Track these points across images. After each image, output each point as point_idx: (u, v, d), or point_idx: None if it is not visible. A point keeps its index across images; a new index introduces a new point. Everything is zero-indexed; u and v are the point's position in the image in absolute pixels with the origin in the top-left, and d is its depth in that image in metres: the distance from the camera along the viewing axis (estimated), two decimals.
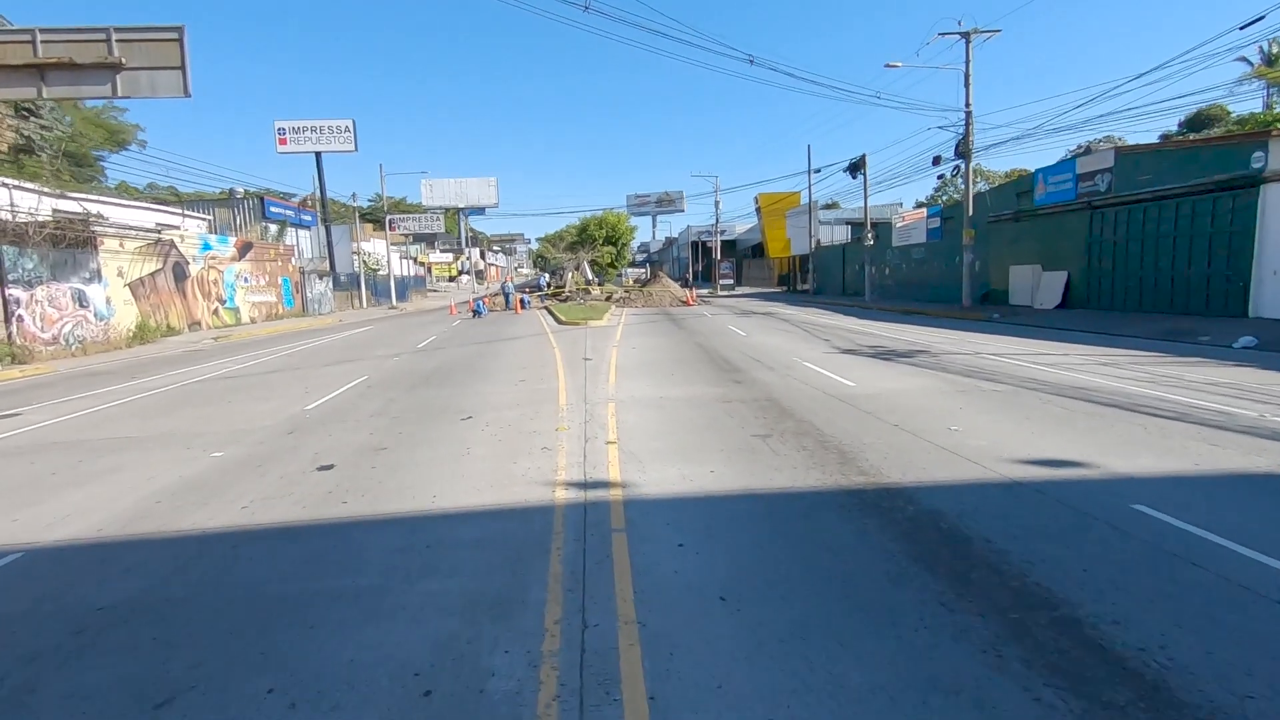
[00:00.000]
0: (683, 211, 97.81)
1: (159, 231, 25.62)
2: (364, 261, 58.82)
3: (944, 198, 53.95)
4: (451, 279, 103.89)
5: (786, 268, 59.97)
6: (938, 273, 30.89)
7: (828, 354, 13.97)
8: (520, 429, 7.76)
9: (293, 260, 37.70)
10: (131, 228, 24.50)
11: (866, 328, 20.09)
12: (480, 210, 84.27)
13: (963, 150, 25.32)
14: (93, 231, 21.83)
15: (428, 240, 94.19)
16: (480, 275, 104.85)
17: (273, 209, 44.15)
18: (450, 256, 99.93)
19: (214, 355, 18.75)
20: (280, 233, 43.71)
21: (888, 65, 24.65)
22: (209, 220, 37.80)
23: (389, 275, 48.07)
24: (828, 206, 55.33)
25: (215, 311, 29.26)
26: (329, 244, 47.71)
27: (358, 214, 49.63)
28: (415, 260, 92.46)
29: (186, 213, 34.17)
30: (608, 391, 10.03)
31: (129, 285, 23.67)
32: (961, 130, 25.21)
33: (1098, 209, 21.17)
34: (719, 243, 61.36)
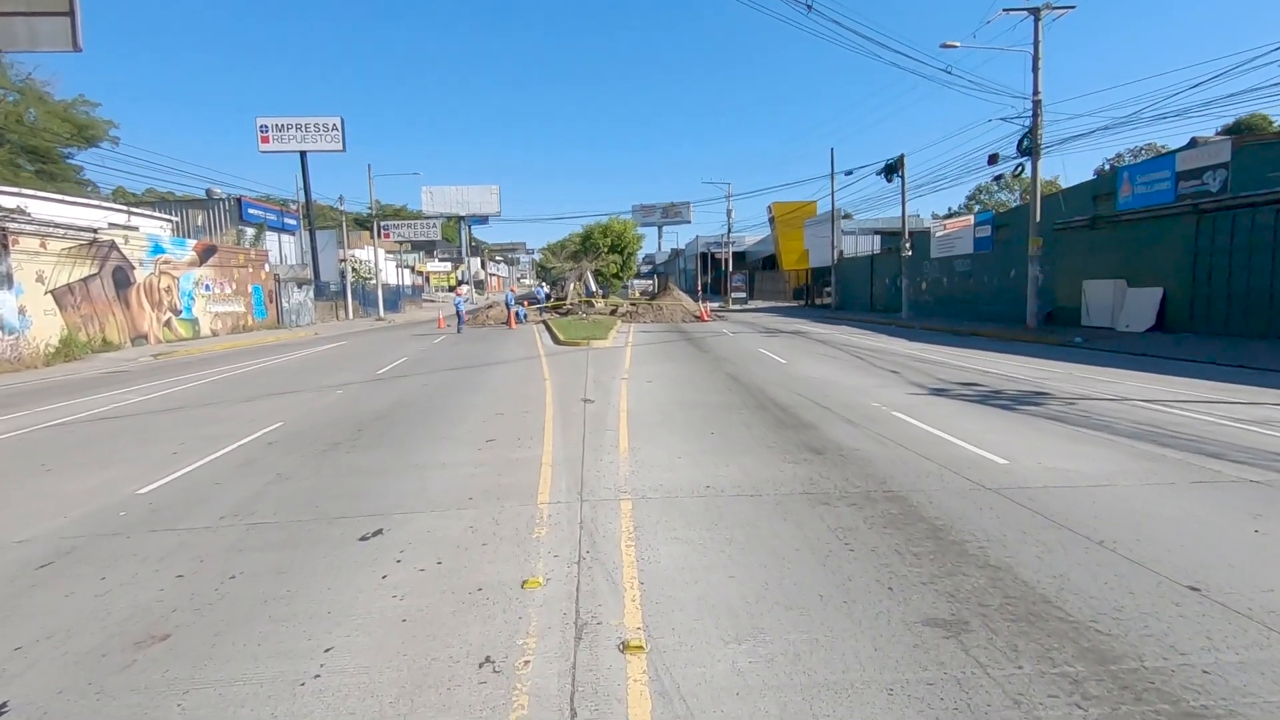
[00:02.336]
0: (689, 223, 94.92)
1: (95, 231, 22.11)
2: (355, 269, 55.49)
3: (978, 206, 50.31)
4: (451, 289, 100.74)
5: (802, 281, 56.43)
6: (988, 288, 27.23)
7: (913, 395, 10.29)
8: (454, 578, 4.07)
9: (266, 266, 34.20)
10: (60, 225, 20.99)
11: (927, 353, 16.41)
12: (483, 220, 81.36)
13: (1029, 145, 21.74)
14: (2, 229, 18.32)
15: (426, 249, 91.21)
16: (480, 285, 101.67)
17: (251, 211, 40.77)
18: (449, 266, 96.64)
19: (134, 379, 15.13)
20: (258, 237, 40.30)
21: (944, 45, 21.12)
22: (174, 222, 34.37)
23: (377, 284, 44.56)
24: (844, 218, 51.82)
25: (167, 323, 25.70)
26: (313, 250, 44.31)
27: (345, 219, 46.22)
28: (412, 269, 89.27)
29: (138, 211, 30.68)
30: (618, 471, 6.35)
31: (52, 293, 20.11)
32: (1027, 122, 21.66)
33: (1207, 213, 17.53)
34: (734, 253, 57.85)
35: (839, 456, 6.67)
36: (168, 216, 33.85)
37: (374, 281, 57.40)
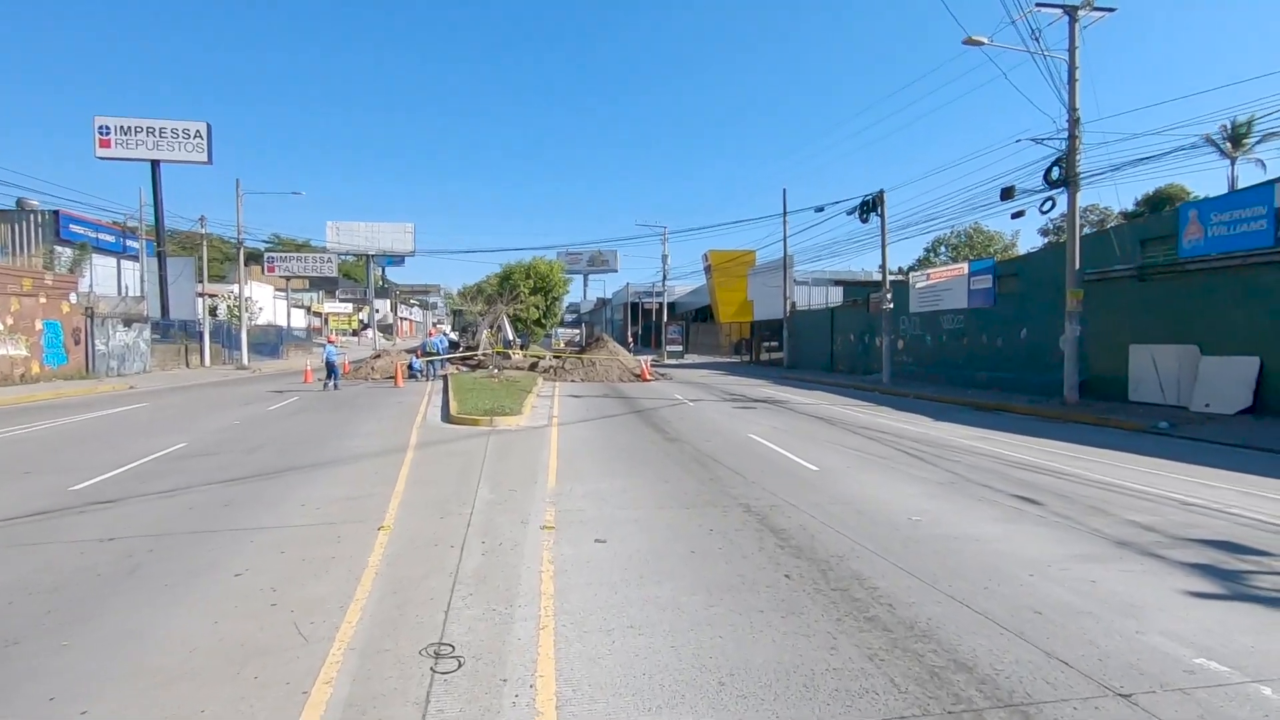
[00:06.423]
0: (615, 271, 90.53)
1: None
2: (230, 308, 46.71)
3: (938, 259, 47.28)
4: (354, 333, 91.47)
5: (742, 334, 51.78)
6: (988, 350, 22.63)
7: (1199, 599, 4.50)
8: None
9: (73, 296, 25.86)
10: None
11: (993, 445, 10.99)
12: (399, 261, 73.81)
13: (1063, 174, 17.36)
14: None
15: (326, 287, 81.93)
16: (390, 330, 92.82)
17: (72, 228, 32.21)
18: (350, 307, 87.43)
19: None
20: (78, 261, 31.71)
21: (968, 41, 16.64)
22: None
23: (242, 325, 36.38)
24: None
25: None
26: (162, 280, 35.84)
27: (206, 244, 37.94)
28: (308, 309, 79.80)
29: None
30: None
31: None
32: (1061, 145, 17.33)
33: None
34: (666, 303, 52.79)
35: None
36: None
37: (259, 321, 48.70)
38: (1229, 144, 36.84)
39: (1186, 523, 6.58)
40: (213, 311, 45.35)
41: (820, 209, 26.77)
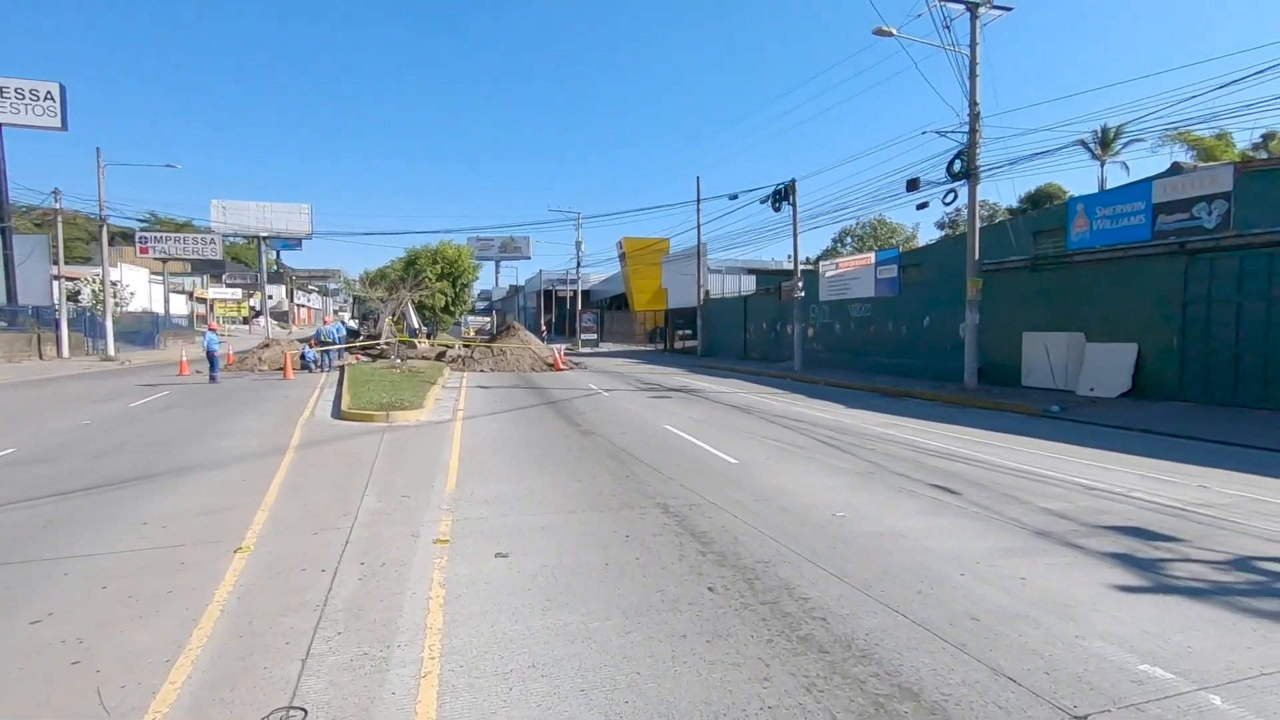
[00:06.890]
0: (529, 259, 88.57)
1: None
2: (94, 293, 41.99)
3: (845, 249, 48.67)
4: (245, 321, 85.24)
5: (656, 322, 51.69)
6: (894, 337, 23.33)
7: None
8: None
9: None
10: None
11: (900, 430, 11.08)
12: (295, 244, 68.98)
13: (965, 167, 17.91)
14: None
15: (211, 271, 75.68)
16: (285, 318, 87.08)
17: None
18: (241, 293, 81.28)
19: None
20: None
21: (877, 32, 16.78)
22: None
23: (105, 311, 32.71)
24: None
25: None
26: (6, 260, 31.76)
27: (61, 218, 33.73)
28: (190, 295, 73.57)
29: None
30: None
31: None
32: (963, 139, 17.85)
33: (1200, 253, 14.21)
34: (580, 291, 51.92)
35: None
36: None
37: (123, 308, 44.03)
38: (1099, 147, 39.94)
39: (1096, 509, 6.62)
40: (74, 296, 40.75)
41: (734, 197, 26.78)
